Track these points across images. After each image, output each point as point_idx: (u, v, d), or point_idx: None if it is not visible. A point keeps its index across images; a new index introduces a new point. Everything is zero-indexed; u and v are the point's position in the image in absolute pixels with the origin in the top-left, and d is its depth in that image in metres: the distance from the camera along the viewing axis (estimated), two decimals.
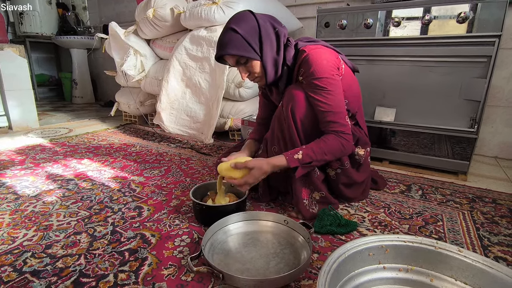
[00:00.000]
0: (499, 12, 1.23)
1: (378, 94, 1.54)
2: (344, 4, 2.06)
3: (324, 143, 0.94)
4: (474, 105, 1.34)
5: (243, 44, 0.91)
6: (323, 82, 0.92)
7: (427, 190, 1.28)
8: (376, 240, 0.65)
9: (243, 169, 0.93)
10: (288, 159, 0.93)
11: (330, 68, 0.94)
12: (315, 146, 0.94)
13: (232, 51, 0.92)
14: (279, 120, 1.03)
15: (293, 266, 0.75)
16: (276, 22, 0.98)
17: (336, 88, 0.95)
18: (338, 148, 0.95)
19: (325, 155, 0.94)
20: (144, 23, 2.08)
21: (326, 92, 0.93)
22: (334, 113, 0.94)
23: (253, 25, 0.93)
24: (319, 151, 0.93)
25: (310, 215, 1.00)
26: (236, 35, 0.91)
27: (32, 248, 0.84)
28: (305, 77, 0.95)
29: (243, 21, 0.93)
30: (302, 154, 0.93)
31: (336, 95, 0.94)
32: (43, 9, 3.58)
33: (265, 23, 0.95)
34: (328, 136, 0.95)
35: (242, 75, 0.99)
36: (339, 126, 0.95)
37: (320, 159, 0.94)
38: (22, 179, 1.33)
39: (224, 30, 0.94)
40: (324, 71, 0.92)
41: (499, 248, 0.88)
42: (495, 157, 1.81)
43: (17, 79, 2.23)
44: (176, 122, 1.96)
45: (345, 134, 0.95)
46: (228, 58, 0.97)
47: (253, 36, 0.92)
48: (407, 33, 1.42)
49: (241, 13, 0.96)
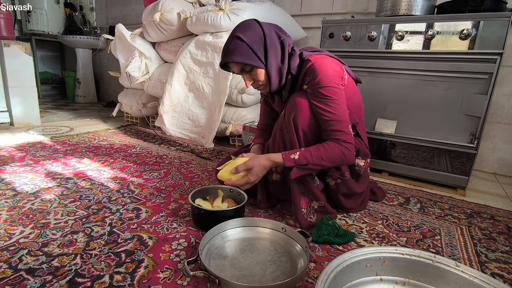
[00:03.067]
0: (501, 30, 1.25)
1: (379, 106, 1.55)
2: (349, 16, 2.09)
3: (323, 149, 0.94)
4: (475, 120, 1.35)
5: (249, 52, 0.93)
6: (328, 91, 0.93)
7: (426, 203, 1.28)
8: (374, 252, 0.65)
9: (243, 171, 0.96)
10: (284, 157, 0.94)
11: (335, 77, 0.95)
12: (314, 149, 0.94)
13: (238, 58, 0.93)
14: (281, 128, 1.03)
15: (289, 275, 0.75)
16: (281, 32, 0.99)
17: (341, 97, 0.95)
18: (338, 156, 0.94)
19: (323, 161, 0.93)
20: (150, 26, 2.11)
21: (331, 101, 0.93)
22: (339, 122, 0.94)
23: (258, 33, 0.94)
24: (316, 155, 0.93)
25: (308, 224, 1.00)
26: (242, 43, 0.92)
27: (29, 246, 0.83)
28: (310, 86, 0.96)
29: (249, 29, 0.94)
30: (299, 154, 0.93)
31: (341, 104, 0.95)
32: (50, 8, 3.63)
33: (270, 32, 0.96)
34: (329, 142, 0.95)
35: (247, 83, 1.00)
36: (342, 134, 0.94)
37: (316, 163, 0.93)
38: (21, 176, 1.32)
39: (229, 38, 0.96)
40: (330, 80, 0.93)
41: (496, 264, 0.88)
42: (494, 173, 1.81)
43: (21, 76, 2.25)
44: (177, 125, 1.97)
45: (348, 144, 0.95)
46: (233, 66, 0.98)
47: (258, 44, 0.93)
48: (410, 47, 1.44)
49: (247, 22, 0.97)
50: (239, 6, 1.81)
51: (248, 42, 0.92)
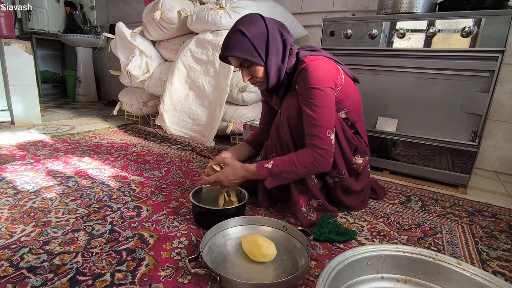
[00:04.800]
0: (503, 28, 1.24)
1: (380, 104, 1.55)
2: (349, 14, 2.09)
3: (295, 155, 0.92)
4: (476, 118, 1.35)
5: (250, 48, 0.91)
6: (314, 93, 0.91)
7: (427, 202, 1.28)
8: (375, 250, 0.65)
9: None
10: (258, 167, 0.94)
11: (325, 80, 0.92)
12: (287, 157, 0.93)
13: (238, 53, 0.92)
14: (276, 128, 1.03)
15: (290, 273, 0.75)
16: (284, 30, 0.98)
17: (326, 102, 0.92)
18: (310, 162, 0.91)
19: (295, 167, 0.91)
20: (151, 24, 2.10)
21: (314, 104, 0.91)
22: (315, 126, 0.91)
23: (262, 30, 0.93)
24: (289, 162, 0.92)
25: (308, 222, 1.00)
26: (244, 37, 0.91)
27: (30, 244, 0.83)
28: (299, 87, 0.96)
29: (253, 24, 0.92)
30: (272, 164, 0.93)
31: (323, 108, 0.91)
32: (51, 6, 3.63)
33: (274, 30, 0.95)
34: (304, 149, 0.93)
35: (244, 78, 0.99)
36: (316, 139, 0.91)
37: (289, 171, 0.92)
38: (22, 174, 1.33)
39: (232, 30, 0.94)
40: (318, 83, 0.91)
41: (498, 263, 0.88)
42: (495, 171, 1.81)
43: (22, 75, 2.25)
44: (178, 123, 1.97)
45: (322, 150, 0.91)
46: (232, 59, 0.98)
47: (260, 41, 0.92)
48: (411, 45, 1.43)
49: (251, 16, 0.95)
50: (240, 4, 1.81)
51: (250, 37, 0.91)
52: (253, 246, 0.80)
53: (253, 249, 0.79)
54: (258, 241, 0.80)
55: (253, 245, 0.80)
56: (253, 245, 0.80)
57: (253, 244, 0.80)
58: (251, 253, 0.79)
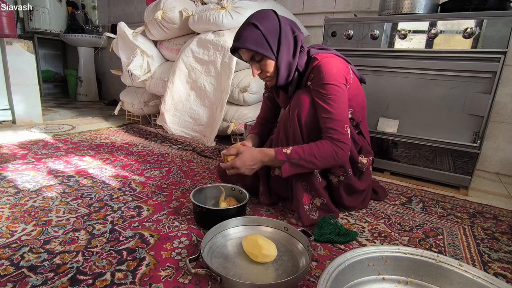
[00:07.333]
0: (505, 29, 1.24)
1: (382, 105, 1.55)
2: (351, 14, 2.09)
3: (316, 146, 0.93)
4: (478, 120, 1.35)
5: (262, 41, 0.92)
6: (329, 88, 0.93)
7: (428, 203, 1.28)
8: (377, 251, 0.64)
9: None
10: (276, 151, 0.94)
11: (339, 76, 0.94)
12: (307, 146, 0.93)
13: (250, 46, 0.92)
14: (284, 124, 1.03)
15: (291, 273, 0.75)
16: (295, 27, 0.99)
17: (341, 97, 0.94)
18: (330, 155, 0.92)
19: (315, 158, 0.92)
20: (152, 24, 2.10)
21: (330, 98, 0.93)
22: (334, 120, 0.93)
23: (274, 24, 0.94)
24: (309, 152, 0.92)
25: (309, 221, 1.00)
26: (257, 31, 0.92)
27: (30, 243, 0.83)
28: (313, 83, 0.96)
29: (266, 18, 0.93)
30: (291, 150, 0.93)
31: (340, 103, 0.94)
32: (52, 6, 3.63)
33: (286, 26, 0.96)
34: (323, 141, 0.94)
35: (254, 72, 0.99)
36: (336, 133, 0.93)
37: (308, 160, 0.92)
38: (23, 174, 1.33)
39: (245, 23, 0.95)
40: (333, 79, 0.93)
41: (499, 264, 0.87)
42: (497, 173, 1.80)
43: (23, 74, 2.25)
44: (179, 123, 1.97)
45: (341, 143, 0.92)
46: (243, 52, 0.98)
47: (273, 35, 0.93)
48: (412, 46, 1.43)
49: (265, 11, 0.96)
50: (241, 5, 1.81)
51: (263, 31, 0.92)
52: (254, 247, 0.79)
53: (253, 249, 0.79)
54: (259, 242, 0.80)
55: (253, 245, 0.80)
56: (254, 246, 0.79)
57: (254, 245, 0.80)
58: (251, 254, 0.79)
